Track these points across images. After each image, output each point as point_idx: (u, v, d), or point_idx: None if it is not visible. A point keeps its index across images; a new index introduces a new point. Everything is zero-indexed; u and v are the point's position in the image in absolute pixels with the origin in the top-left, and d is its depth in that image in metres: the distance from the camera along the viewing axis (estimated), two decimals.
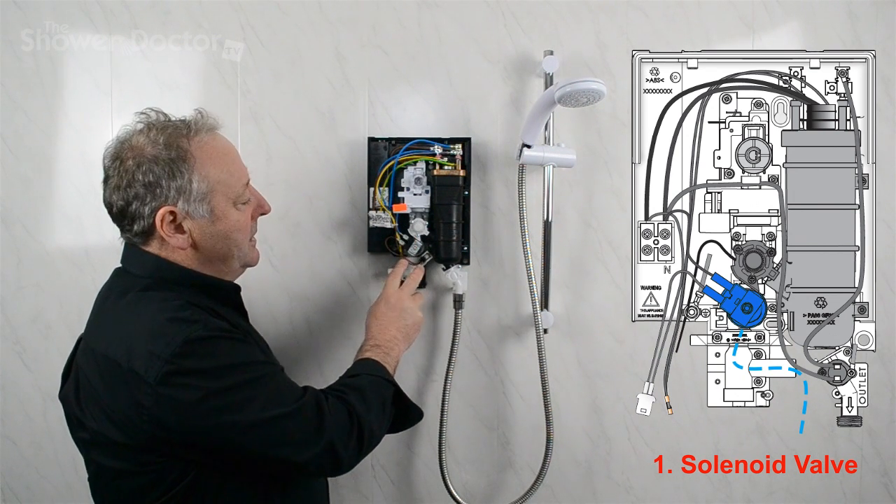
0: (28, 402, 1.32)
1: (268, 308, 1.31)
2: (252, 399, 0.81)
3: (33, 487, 1.33)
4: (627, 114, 1.31)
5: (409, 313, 1.13)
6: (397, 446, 1.35)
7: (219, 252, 0.93)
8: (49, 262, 1.31)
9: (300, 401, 0.85)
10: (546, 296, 1.30)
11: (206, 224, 0.90)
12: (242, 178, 0.94)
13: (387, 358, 1.04)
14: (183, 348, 0.79)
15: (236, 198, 0.92)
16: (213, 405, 0.79)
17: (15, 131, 1.30)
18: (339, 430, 0.86)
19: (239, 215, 0.93)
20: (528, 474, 1.33)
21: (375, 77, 1.30)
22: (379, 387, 0.97)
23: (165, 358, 0.78)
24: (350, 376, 0.99)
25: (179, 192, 0.86)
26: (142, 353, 0.79)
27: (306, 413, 0.85)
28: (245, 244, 0.97)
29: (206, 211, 0.89)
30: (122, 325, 0.84)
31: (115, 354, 0.81)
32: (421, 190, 1.26)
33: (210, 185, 0.88)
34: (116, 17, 1.29)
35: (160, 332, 0.80)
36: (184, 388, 0.78)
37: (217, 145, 0.92)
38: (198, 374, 0.79)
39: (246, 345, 0.87)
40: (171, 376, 0.78)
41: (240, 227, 0.94)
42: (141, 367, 0.78)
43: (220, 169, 0.90)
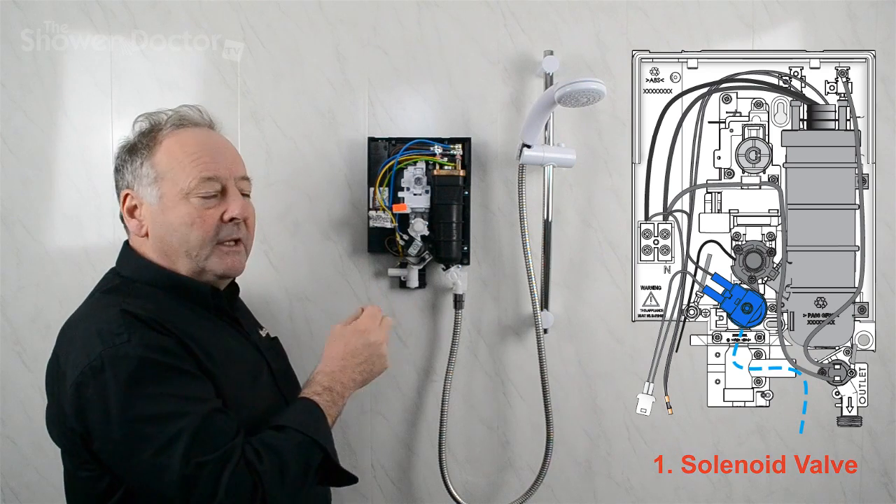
0: (28, 402, 1.32)
1: (268, 308, 1.31)
2: (150, 437, 0.76)
3: (33, 487, 1.33)
4: (627, 114, 1.31)
5: (380, 360, 1.00)
6: (397, 446, 1.35)
7: (169, 244, 0.89)
8: (49, 262, 1.31)
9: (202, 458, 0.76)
10: (546, 296, 1.30)
11: (157, 212, 0.89)
12: (203, 171, 0.89)
13: (333, 406, 0.92)
14: (97, 361, 0.77)
15: (190, 190, 0.88)
16: (113, 431, 0.76)
17: (15, 131, 1.30)
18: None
19: (188, 209, 0.88)
20: (528, 474, 1.32)
21: (375, 77, 1.30)
22: (306, 452, 0.84)
23: (81, 368, 0.77)
24: (280, 427, 0.85)
25: (134, 176, 0.90)
26: (71, 359, 0.80)
27: (199, 475, 0.75)
28: (198, 243, 0.89)
29: (154, 197, 0.89)
30: (73, 327, 0.86)
31: (60, 354, 0.83)
32: (421, 190, 1.26)
33: (158, 172, 0.89)
34: (116, 17, 1.29)
35: (87, 341, 0.79)
36: (89, 403, 0.77)
37: (184, 137, 0.91)
38: (104, 392, 0.76)
39: (172, 372, 0.79)
40: (82, 388, 0.77)
41: (189, 220, 0.88)
42: (68, 372, 0.79)
43: (172, 158, 0.89)
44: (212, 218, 0.89)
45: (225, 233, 0.91)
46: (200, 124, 0.94)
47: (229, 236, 0.91)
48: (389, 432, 1.34)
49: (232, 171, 0.93)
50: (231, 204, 0.91)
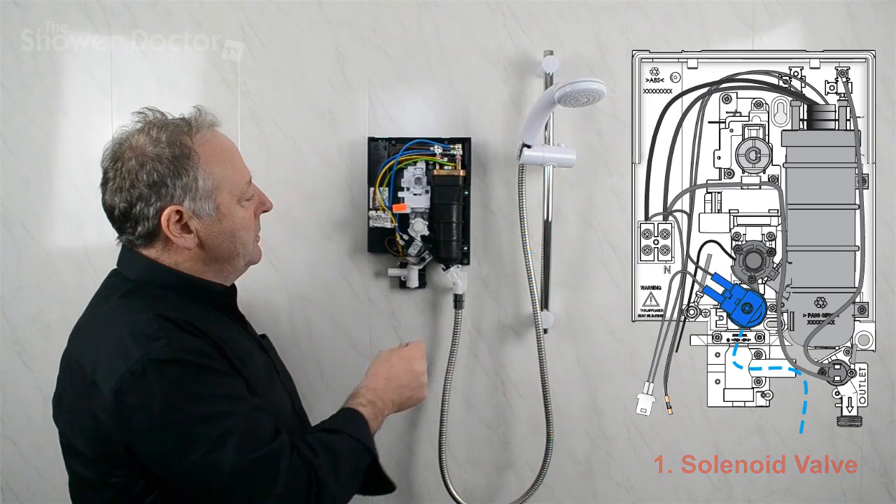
0: (28, 402, 1.32)
1: (268, 308, 1.31)
2: (201, 438, 0.76)
3: (33, 487, 1.33)
4: (627, 114, 1.31)
5: (420, 389, 1.04)
6: (397, 446, 1.35)
7: (225, 251, 0.90)
8: (49, 262, 1.31)
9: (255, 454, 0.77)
10: (546, 296, 1.30)
11: (213, 222, 0.87)
12: (246, 174, 0.93)
13: (375, 421, 0.95)
14: (137, 366, 0.75)
15: (241, 195, 0.90)
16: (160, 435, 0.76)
17: (15, 131, 1.30)
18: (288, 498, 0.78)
19: (244, 213, 0.91)
20: (528, 474, 1.32)
21: (375, 77, 1.30)
22: (357, 455, 0.88)
23: (120, 374, 0.75)
24: (332, 430, 0.89)
25: (185, 190, 0.84)
26: (103, 365, 0.77)
27: (256, 470, 0.77)
28: (250, 242, 0.94)
29: (212, 209, 0.86)
30: (95, 332, 0.83)
31: (84, 362, 0.80)
32: (421, 190, 1.26)
33: (215, 182, 0.86)
34: (116, 17, 1.29)
35: (122, 347, 0.77)
36: (133, 408, 0.75)
37: (220, 142, 0.90)
38: (149, 396, 0.75)
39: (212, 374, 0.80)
40: (124, 394, 0.75)
41: (245, 224, 0.92)
42: (101, 379, 0.76)
43: (224, 166, 0.88)
44: (252, 215, 0.94)
45: (257, 226, 0.97)
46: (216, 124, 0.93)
47: (259, 229, 0.98)
48: (389, 432, 1.34)
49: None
50: (266, 199, 0.97)
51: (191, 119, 0.89)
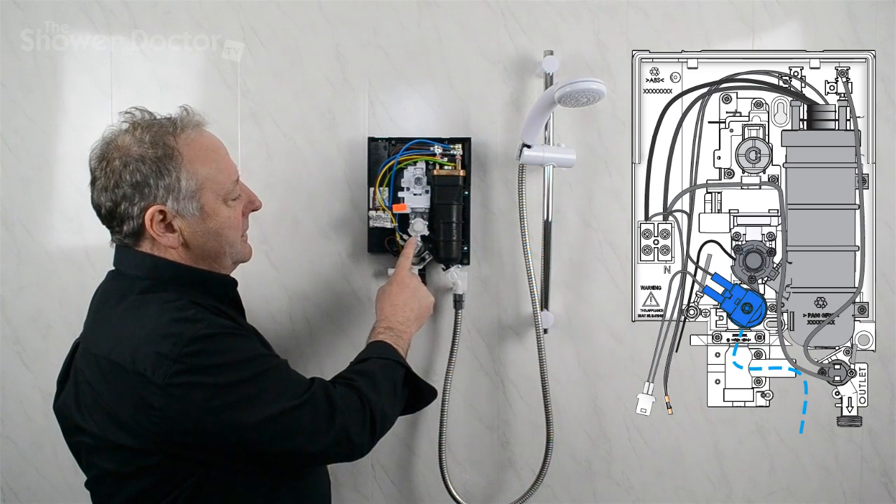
0: (28, 402, 1.32)
1: (268, 308, 1.31)
2: (261, 393, 0.82)
3: (33, 487, 1.33)
4: (627, 114, 1.31)
5: (422, 295, 1.15)
6: (397, 446, 1.35)
7: (210, 250, 0.92)
8: (49, 262, 1.31)
9: (309, 390, 0.85)
10: (546, 296, 1.30)
11: (197, 222, 0.89)
12: (232, 174, 0.93)
13: (399, 340, 1.05)
14: (190, 347, 0.78)
15: (226, 194, 0.91)
16: (223, 402, 0.79)
17: (15, 131, 1.30)
18: (351, 417, 0.87)
19: (229, 212, 0.92)
20: (528, 474, 1.33)
21: (375, 77, 1.30)
22: (389, 370, 0.98)
23: (174, 357, 0.77)
24: (359, 361, 1.00)
25: (168, 190, 0.85)
26: (148, 355, 0.78)
27: (317, 402, 0.85)
28: (237, 241, 0.95)
29: (195, 209, 0.88)
30: (125, 328, 0.83)
31: (120, 358, 0.80)
32: (421, 190, 1.26)
33: (199, 182, 0.87)
34: (116, 17, 1.29)
35: (166, 333, 0.79)
36: (193, 386, 0.78)
37: (204, 142, 0.91)
38: (206, 371, 0.79)
39: (249, 340, 0.87)
40: (181, 375, 0.77)
41: (231, 223, 0.92)
42: (148, 369, 0.78)
43: (208, 165, 0.89)
44: (240, 215, 0.96)
45: (245, 225, 0.99)
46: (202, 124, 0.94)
47: (247, 227, 1.00)
48: (389, 432, 1.33)
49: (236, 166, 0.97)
50: (254, 197, 0.99)
51: (177, 119, 0.90)
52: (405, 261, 1.18)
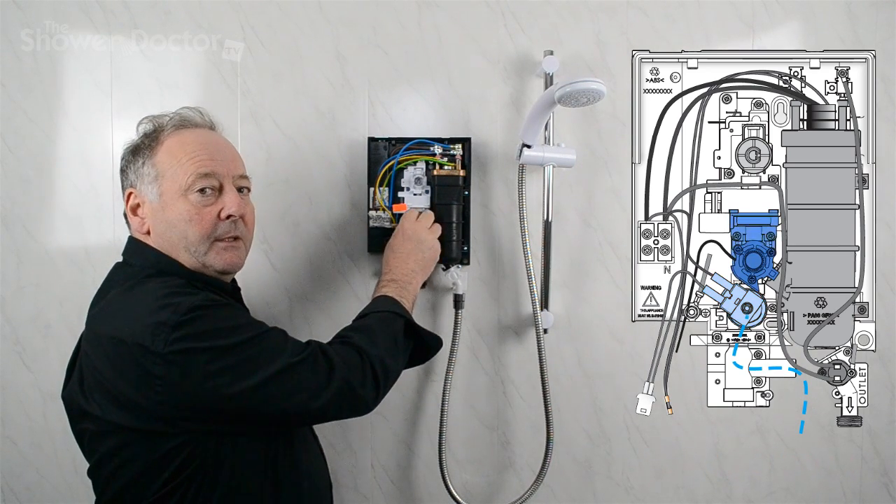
0: (28, 402, 1.32)
1: (268, 308, 1.31)
2: (259, 354, 0.84)
3: (33, 487, 1.33)
4: (627, 114, 1.31)
5: (426, 244, 1.15)
6: (397, 446, 1.35)
7: (169, 240, 0.93)
8: (49, 262, 1.31)
9: (306, 349, 0.88)
10: (546, 296, 1.30)
11: (157, 209, 0.92)
12: (199, 169, 0.91)
13: (403, 292, 1.07)
14: (188, 315, 0.81)
15: (186, 187, 0.91)
16: (224, 364, 0.82)
17: (15, 131, 1.30)
18: (350, 369, 0.89)
19: (187, 206, 0.91)
20: (528, 474, 1.33)
21: (375, 77, 1.30)
22: (387, 322, 0.99)
23: (172, 325, 0.80)
24: (358, 318, 1.02)
25: (137, 175, 0.93)
26: (147, 325, 0.81)
27: (315, 359, 0.87)
28: (196, 240, 0.91)
29: (155, 195, 0.92)
30: (126, 306, 0.87)
31: (120, 333, 0.83)
32: (421, 190, 1.26)
33: (159, 170, 0.92)
34: (116, 17, 1.29)
35: (164, 304, 0.82)
36: (193, 352, 0.80)
37: (184, 137, 0.94)
38: (204, 336, 0.81)
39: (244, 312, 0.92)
40: (180, 342, 0.80)
41: (187, 217, 0.91)
42: (147, 339, 0.80)
43: (172, 156, 0.92)
44: (209, 215, 0.92)
45: (222, 230, 0.94)
46: (201, 125, 0.97)
47: (227, 233, 0.94)
48: (389, 432, 1.34)
49: (230, 169, 0.95)
50: (227, 201, 0.94)
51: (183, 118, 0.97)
52: (410, 213, 1.19)
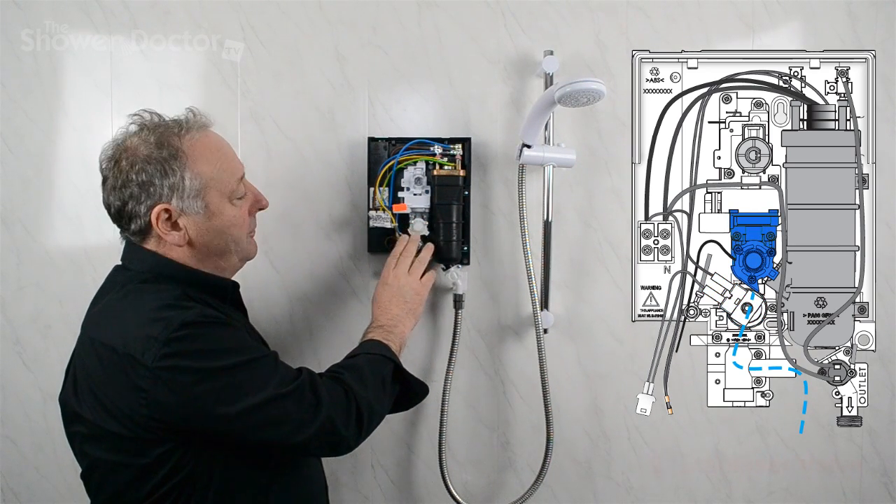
0: (28, 402, 1.32)
1: (268, 308, 1.31)
2: (247, 382, 0.83)
3: (33, 487, 1.33)
4: (627, 114, 1.31)
5: (406, 289, 1.14)
6: (397, 446, 1.35)
7: (216, 248, 0.94)
8: (49, 262, 1.31)
9: (296, 381, 0.87)
10: (546, 296, 1.30)
11: (202, 220, 0.91)
12: (236, 173, 0.95)
13: (389, 336, 1.06)
14: (179, 332, 0.80)
15: (231, 193, 0.94)
16: (209, 387, 0.81)
17: (15, 131, 1.30)
18: (336, 408, 0.88)
19: (234, 211, 0.95)
20: (528, 474, 1.32)
21: (375, 77, 1.30)
22: (378, 365, 0.99)
23: (163, 340, 0.79)
24: (348, 358, 1.01)
25: (172, 189, 0.89)
26: (138, 338, 0.80)
27: (302, 393, 0.86)
28: (243, 239, 0.98)
29: (200, 207, 0.91)
30: (120, 313, 0.86)
31: (112, 341, 0.83)
32: (421, 190, 1.26)
33: (203, 181, 0.90)
34: (116, 17, 1.29)
35: (157, 318, 0.82)
36: (180, 370, 0.80)
37: (209, 142, 0.93)
38: (193, 355, 0.81)
39: (238, 331, 0.89)
40: (168, 358, 0.79)
41: (236, 222, 0.95)
42: (138, 351, 0.80)
43: (212, 165, 0.92)
44: (246, 213, 0.98)
45: (253, 223, 1.02)
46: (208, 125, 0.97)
47: (255, 225, 1.03)
48: (389, 432, 1.34)
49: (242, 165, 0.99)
50: (259, 196, 1.01)
51: (182, 120, 0.94)
52: (391, 260, 1.18)
